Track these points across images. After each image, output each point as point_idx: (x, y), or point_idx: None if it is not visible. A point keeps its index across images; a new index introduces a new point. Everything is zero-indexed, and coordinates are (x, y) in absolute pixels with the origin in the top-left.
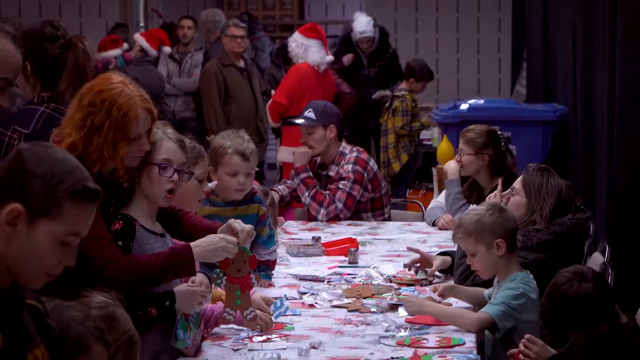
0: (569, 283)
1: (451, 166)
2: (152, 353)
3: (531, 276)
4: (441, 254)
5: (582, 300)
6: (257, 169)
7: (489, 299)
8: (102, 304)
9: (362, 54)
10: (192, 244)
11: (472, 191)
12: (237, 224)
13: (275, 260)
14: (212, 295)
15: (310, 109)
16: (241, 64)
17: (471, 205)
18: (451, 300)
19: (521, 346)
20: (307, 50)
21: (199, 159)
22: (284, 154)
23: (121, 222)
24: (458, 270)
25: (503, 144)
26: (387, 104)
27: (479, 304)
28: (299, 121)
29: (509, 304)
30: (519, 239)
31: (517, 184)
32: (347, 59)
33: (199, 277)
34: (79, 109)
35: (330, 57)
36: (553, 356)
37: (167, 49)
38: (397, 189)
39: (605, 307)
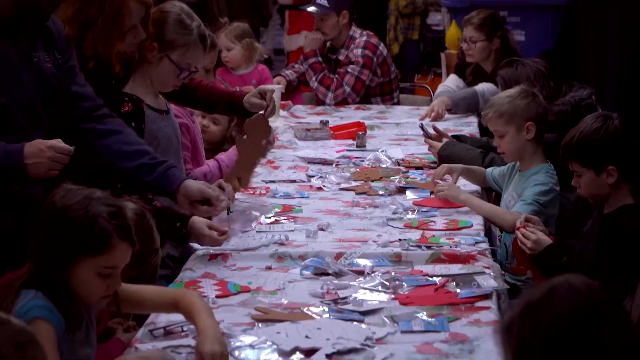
0: (596, 118)
1: (435, 103)
2: None
3: (552, 167)
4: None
5: (605, 133)
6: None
7: (493, 181)
8: (140, 212)
9: None
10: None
11: (476, 76)
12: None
13: None
14: None
15: None
16: None
17: None
18: (461, 182)
19: (519, 234)
20: None
21: (212, 49)
22: (290, 42)
23: (130, 104)
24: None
25: (503, 24)
26: None
27: (483, 183)
28: (311, 9)
29: (539, 202)
30: None
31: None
32: None
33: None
34: (71, 4)
35: None
36: (549, 246)
37: None
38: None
39: (622, 149)
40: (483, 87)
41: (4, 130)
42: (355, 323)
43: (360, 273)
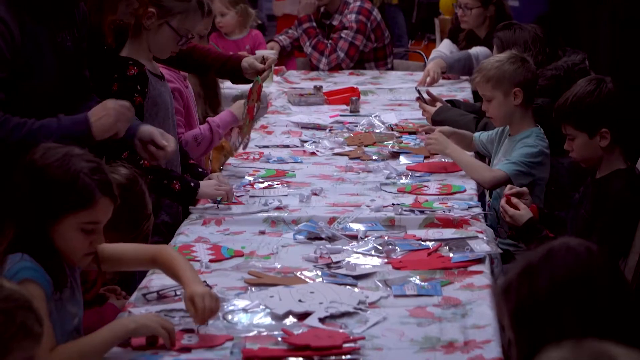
0: (590, 81)
1: (430, 66)
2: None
3: (542, 130)
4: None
5: (599, 96)
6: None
7: (481, 146)
8: (132, 177)
9: None
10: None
11: (469, 42)
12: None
13: None
14: None
15: None
16: None
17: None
18: None
19: (500, 207)
20: None
21: (208, 15)
22: (278, 7)
23: (135, 67)
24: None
25: None
26: None
27: (470, 147)
28: None
29: (525, 162)
30: None
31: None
32: None
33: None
34: None
35: None
36: (528, 220)
37: None
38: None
39: (616, 112)
40: (477, 50)
41: (27, 116)
42: (348, 287)
43: (354, 237)
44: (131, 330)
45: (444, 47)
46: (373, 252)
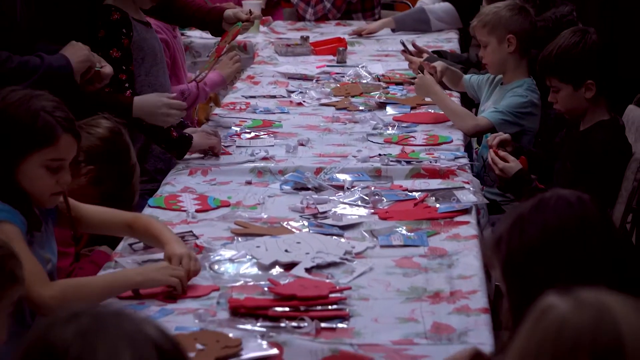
0: (574, 32)
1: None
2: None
3: (535, 82)
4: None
5: (584, 47)
6: None
7: (471, 88)
8: (116, 130)
9: None
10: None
11: None
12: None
13: None
14: None
15: None
16: None
17: None
18: None
19: (489, 158)
20: None
21: None
22: None
23: (117, 12)
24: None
25: None
26: None
27: (458, 86)
28: None
29: (512, 112)
30: None
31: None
32: None
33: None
34: None
35: None
36: (517, 171)
37: None
38: None
39: (601, 62)
40: (436, 5)
41: None
42: (334, 237)
43: (340, 188)
44: (137, 283)
45: None
46: (359, 203)
